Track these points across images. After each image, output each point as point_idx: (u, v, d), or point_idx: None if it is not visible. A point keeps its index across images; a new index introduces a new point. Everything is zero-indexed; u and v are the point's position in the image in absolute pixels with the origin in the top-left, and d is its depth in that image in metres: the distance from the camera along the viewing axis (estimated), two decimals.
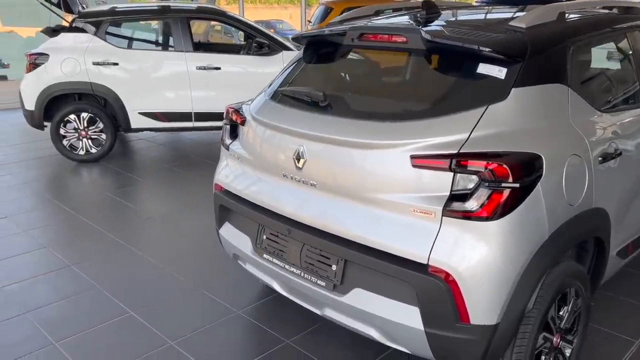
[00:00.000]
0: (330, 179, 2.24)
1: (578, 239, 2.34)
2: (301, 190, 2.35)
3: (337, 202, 2.23)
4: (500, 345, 2.03)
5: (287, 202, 2.40)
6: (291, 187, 2.40)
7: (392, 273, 2.06)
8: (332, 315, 2.36)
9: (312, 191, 2.31)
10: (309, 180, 2.31)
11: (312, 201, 2.31)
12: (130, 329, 3.01)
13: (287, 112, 2.48)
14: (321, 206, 2.28)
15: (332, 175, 2.24)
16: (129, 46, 6.34)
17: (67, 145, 6.15)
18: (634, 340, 2.89)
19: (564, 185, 2.09)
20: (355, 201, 2.18)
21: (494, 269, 1.93)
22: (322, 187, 2.27)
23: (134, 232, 4.39)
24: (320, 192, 2.28)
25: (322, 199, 2.28)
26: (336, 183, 2.22)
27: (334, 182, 2.23)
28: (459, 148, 1.97)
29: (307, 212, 2.32)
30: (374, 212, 2.12)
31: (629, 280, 3.53)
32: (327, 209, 2.26)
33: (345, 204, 2.21)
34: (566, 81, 2.29)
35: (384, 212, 2.09)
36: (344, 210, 2.21)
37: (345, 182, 2.19)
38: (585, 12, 2.81)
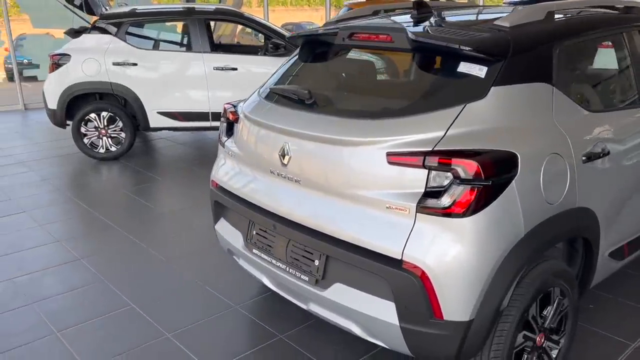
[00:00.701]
0: (312, 176, 2.29)
1: (560, 238, 2.32)
2: (286, 186, 2.40)
3: (318, 198, 2.27)
4: (475, 342, 2.04)
5: (274, 198, 2.46)
6: (277, 183, 2.45)
7: (369, 268, 2.09)
8: (316, 310, 2.40)
9: (296, 187, 2.36)
10: (293, 176, 2.36)
11: (296, 197, 2.36)
12: (130, 321, 3.11)
13: (275, 109, 2.54)
14: (304, 202, 2.33)
15: (314, 172, 2.28)
16: (148, 47, 6.49)
17: (87, 143, 6.34)
18: (629, 343, 2.85)
19: (541, 184, 2.08)
20: (335, 197, 2.21)
21: (467, 265, 1.95)
22: (305, 183, 2.32)
23: (145, 228, 4.51)
24: (303, 189, 2.33)
25: (305, 195, 2.32)
26: (318, 179, 2.27)
27: (315, 178, 2.28)
28: (434, 146, 1.99)
29: (290, 208, 2.37)
30: (353, 208, 2.15)
31: (629, 282, 3.47)
32: (309, 205, 2.30)
33: (326, 200, 2.25)
34: (551, 80, 2.27)
35: (362, 208, 2.13)
36: (325, 206, 2.25)
37: (326, 178, 2.23)
38: (579, 12, 2.77)
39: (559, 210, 2.18)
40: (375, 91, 2.56)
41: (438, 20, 2.58)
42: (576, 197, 2.25)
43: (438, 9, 2.83)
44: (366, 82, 2.64)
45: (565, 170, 2.19)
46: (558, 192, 2.16)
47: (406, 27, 2.36)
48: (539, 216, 2.09)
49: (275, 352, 2.84)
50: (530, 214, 2.04)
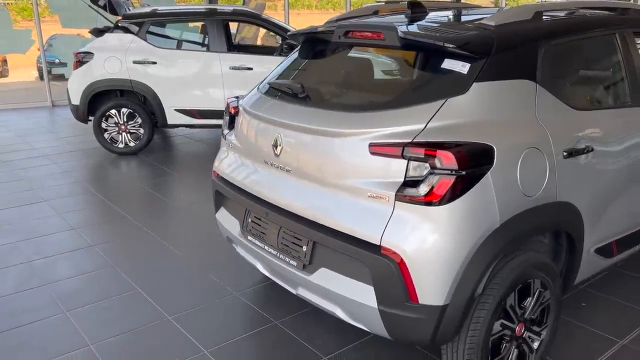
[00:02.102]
0: (301, 165, 2.41)
1: (539, 230, 2.39)
2: (278, 175, 2.53)
3: (307, 186, 2.39)
4: (450, 326, 2.12)
5: (267, 187, 2.58)
6: (270, 173, 2.58)
7: (351, 254, 2.20)
8: (304, 294, 2.51)
9: (287, 176, 2.48)
10: (284, 166, 2.48)
11: (286, 186, 2.48)
12: (135, 304, 3.26)
13: (271, 103, 2.67)
14: (294, 191, 2.44)
15: (303, 162, 2.40)
16: (168, 46, 6.70)
17: (108, 138, 6.57)
18: (617, 340, 2.89)
19: (518, 177, 2.16)
20: (322, 186, 2.33)
21: (441, 251, 2.03)
22: (296, 172, 2.44)
23: (157, 219, 4.69)
24: (293, 178, 2.45)
25: (295, 184, 2.44)
26: (306, 169, 2.38)
27: (304, 168, 2.39)
28: (414, 137, 2.08)
29: (282, 196, 2.49)
30: (338, 196, 2.26)
31: (623, 281, 3.50)
32: (299, 193, 2.42)
33: (313, 189, 2.36)
34: (535, 78, 2.35)
35: (346, 197, 2.23)
36: (312, 194, 2.36)
37: (314, 168, 2.35)
38: (570, 13, 2.83)
39: (537, 203, 2.25)
40: (364, 86, 2.66)
41: (429, 19, 2.68)
42: (556, 191, 2.32)
43: (433, 9, 2.92)
44: (357, 78, 2.74)
45: (544, 164, 2.26)
46: (536, 186, 2.23)
47: (397, 26, 2.46)
48: (515, 207, 2.16)
49: (269, 337, 2.96)
50: (506, 204, 2.12)
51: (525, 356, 2.47)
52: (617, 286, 3.44)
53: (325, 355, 2.78)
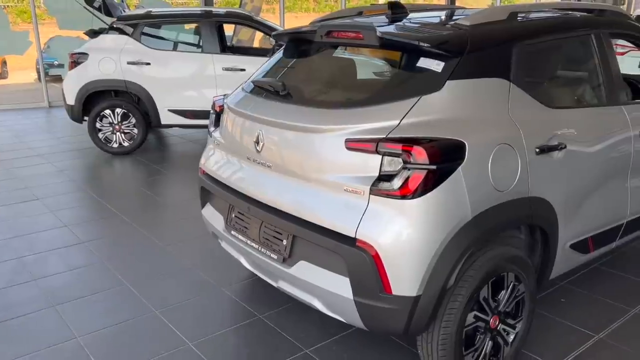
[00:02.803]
0: (281, 161, 2.47)
1: (511, 224, 2.45)
2: (260, 171, 2.59)
3: (287, 181, 2.45)
4: (423, 317, 2.18)
5: (249, 183, 2.65)
6: (252, 168, 2.64)
7: (328, 246, 2.26)
8: (285, 287, 2.58)
9: (268, 172, 2.54)
10: (265, 162, 2.55)
11: (267, 181, 2.55)
12: (122, 298, 3.32)
13: (254, 100, 2.73)
14: (274, 186, 2.51)
15: (283, 157, 2.47)
16: (161, 47, 6.76)
17: (102, 138, 6.63)
18: (593, 334, 2.95)
19: (489, 172, 2.22)
20: (301, 181, 2.39)
21: (413, 243, 2.10)
22: (276, 168, 2.50)
23: (148, 217, 4.75)
24: (274, 173, 2.51)
25: (276, 179, 2.50)
26: (286, 164, 2.45)
27: (284, 163, 2.46)
28: (388, 133, 2.15)
29: (263, 192, 2.56)
30: (316, 190, 2.32)
31: (603, 278, 3.57)
32: (279, 188, 2.49)
33: (293, 184, 2.42)
34: (509, 77, 2.41)
35: (324, 191, 2.29)
36: (292, 189, 2.43)
37: (293, 163, 2.42)
38: (546, 14, 2.90)
39: (509, 198, 2.31)
40: (344, 84, 2.73)
41: (408, 20, 2.75)
42: (528, 186, 2.38)
43: (413, 10, 2.99)
44: (337, 76, 2.81)
45: (516, 160, 2.32)
46: (508, 181, 2.30)
47: (375, 26, 2.53)
48: (487, 202, 2.22)
49: (253, 331, 3.02)
50: (477, 199, 2.18)
51: (500, 348, 2.53)
52: (596, 283, 3.50)
53: (308, 348, 2.84)
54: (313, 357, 2.78)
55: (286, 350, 2.83)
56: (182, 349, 2.82)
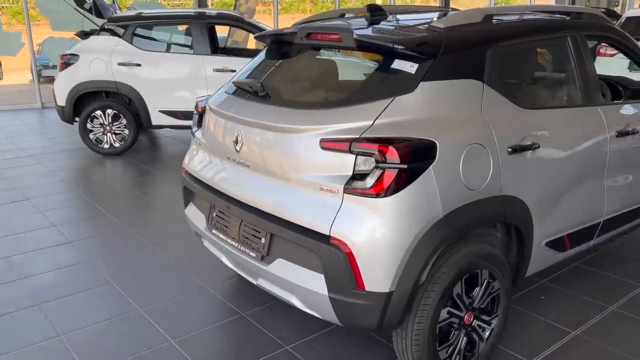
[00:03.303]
0: (259, 160, 2.52)
1: (483, 222, 2.50)
2: (239, 170, 2.64)
3: (265, 181, 2.49)
4: (396, 312, 2.23)
5: (229, 182, 2.69)
6: (232, 168, 2.69)
7: (304, 244, 2.30)
8: (264, 285, 2.62)
9: (247, 171, 2.59)
10: (244, 161, 2.59)
11: (246, 180, 2.59)
12: (108, 297, 3.36)
13: (234, 101, 2.78)
14: (253, 185, 2.55)
15: (261, 157, 2.51)
16: (152, 49, 6.79)
17: (93, 139, 6.66)
18: (570, 331, 3.00)
19: (461, 171, 2.27)
20: (278, 180, 2.43)
21: (385, 240, 2.14)
22: (254, 167, 2.55)
23: (136, 217, 4.79)
24: (252, 172, 2.56)
25: (254, 179, 2.55)
26: (264, 164, 2.49)
27: (262, 163, 2.50)
28: (361, 133, 2.19)
29: (242, 191, 2.60)
30: (293, 189, 2.37)
31: (582, 276, 3.62)
32: (257, 188, 2.53)
33: (271, 183, 2.47)
34: (482, 78, 2.46)
35: (300, 190, 2.34)
36: (270, 188, 2.47)
37: (271, 162, 2.46)
38: (522, 17, 2.95)
39: (481, 197, 2.35)
40: (321, 85, 2.77)
41: (386, 22, 2.80)
42: (501, 185, 2.43)
43: (393, 12, 3.04)
44: (315, 77, 2.85)
45: (487, 159, 2.37)
46: (480, 180, 2.34)
47: (353, 28, 2.57)
48: (458, 200, 2.27)
49: (236, 328, 3.06)
50: (448, 197, 2.23)
51: (475, 344, 2.58)
52: (576, 280, 3.55)
53: (288, 345, 2.88)
54: (293, 353, 2.82)
55: (267, 347, 2.88)
56: (164, 347, 2.86)
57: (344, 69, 2.78)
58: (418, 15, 3.02)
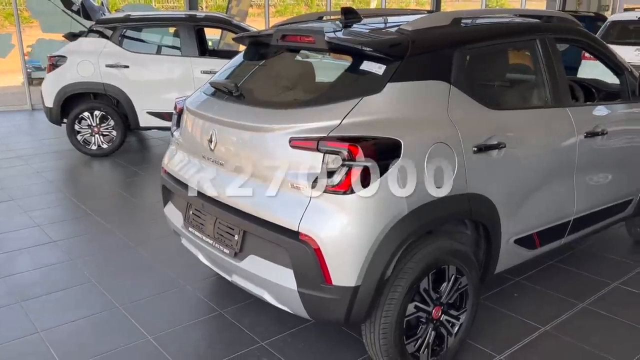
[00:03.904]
0: (232, 158, 2.58)
1: (448, 219, 2.57)
2: (213, 169, 2.70)
3: (238, 179, 2.55)
4: (362, 306, 2.29)
5: (204, 180, 2.75)
6: (207, 166, 2.75)
7: (274, 240, 2.36)
8: (238, 281, 2.67)
9: (221, 169, 2.65)
10: (218, 160, 2.65)
11: (220, 178, 2.65)
12: (88, 295, 3.41)
13: (210, 101, 2.84)
14: (226, 183, 2.61)
15: (234, 155, 2.58)
16: (140, 51, 6.85)
17: (81, 140, 6.71)
18: (539, 327, 3.07)
19: (425, 169, 2.34)
20: (250, 178, 2.50)
21: (351, 236, 2.21)
22: (228, 166, 2.61)
23: (121, 217, 4.84)
24: (226, 170, 2.62)
25: (228, 177, 2.61)
26: (237, 162, 2.55)
27: (235, 161, 2.56)
28: (329, 132, 2.26)
29: (216, 189, 2.66)
30: (263, 187, 2.42)
31: (555, 273, 3.70)
32: (229, 185, 2.58)
33: (243, 181, 2.53)
34: (449, 79, 2.53)
35: (271, 187, 2.40)
36: (242, 186, 2.53)
37: (243, 160, 2.52)
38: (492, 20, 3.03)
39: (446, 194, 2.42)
40: (293, 85, 2.84)
41: (358, 25, 2.86)
42: (466, 183, 2.50)
43: (367, 16, 3.11)
44: (288, 78, 2.92)
45: (452, 158, 2.43)
46: (445, 178, 2.41)
47: (326, 31, 2.64)
48: (423, 197, 2.34)
49: (213, 325, 3.12)
50: (413, 194, 2.29)
51: (444, 339, 2.65)
52: (549, 278, 3.63)
53: (264, 341, 2.94)
54: (268, 349, 2.87)
55: (243, 343, 2.93)
56: (141, 342, 2.91)
57: (317, 70, 2.85)
58: (391, 19, 3.08)
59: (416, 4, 25.73)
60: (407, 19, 2.80)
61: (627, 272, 3.74)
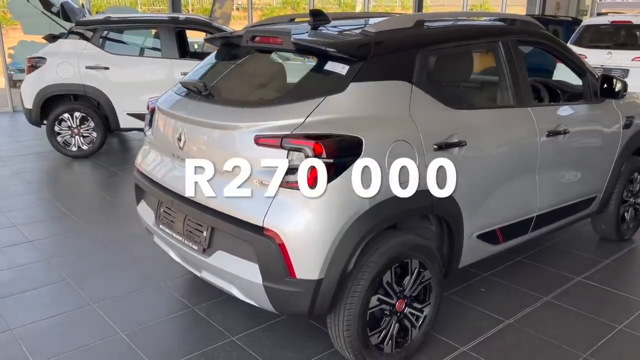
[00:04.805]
0: (199, 156, 2.64)
1: (409, 214, 2.65)
2: (182, 166, 2.75)
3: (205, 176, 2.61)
4: (326, 299, 2.36)
5: (174, 178, 2.81)
6: (176, 164, 2.81)
7: (240, 236, 2.43)
8: (207, 277, 2.74)
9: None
10: (187, 157, 2.71)
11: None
12: (62, 292, 3.44)
13: (179, 100, 2.90)
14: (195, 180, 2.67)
15: (202, 153, 2.64)
16: (120, 52, 6.88)
17: (61, 141, 6.71)
18: (503, 319, 3.16)
19: (387, 166, 2.42)
20: (218, 175, 2.56)
21: (314, 231, 2.28)
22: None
23: (98, 216, 4.86)
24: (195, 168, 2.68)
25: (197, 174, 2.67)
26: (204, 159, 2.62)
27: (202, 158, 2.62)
28: (292, 130, 2.33)
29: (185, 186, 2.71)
30: (230, 184, 2.49)
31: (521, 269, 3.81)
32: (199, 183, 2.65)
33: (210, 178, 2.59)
34: (411, 79, 2.62)
35: (237, 184, 2.46)
36: (210, 183, 2.59)
37: (210, 158, 2.58)
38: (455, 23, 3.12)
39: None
40: (260, 85, 2.92)
41: (326, 27, 2.94)
42: (426, 180, 2.58)
43: (336, 18, 3.19)
44: (256, 77, 2.99)
45: (413, 155, 2.52)
46: (406, 174, 2.49)
47: (294, 32, 2.72)
48: (384, 193, 2.42)
49: (184, 321, 3.17)
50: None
51: (408, 331, 2.73)
52: (516, 274, 3.73)
53: (234, 336, 3.00)
54: (238, 343, 2.94)
55: (214, 338, 2.99)
56: (113, 338, 2.96)
57: (285, 70, 2.92)
58: (358, 21, 3.17)
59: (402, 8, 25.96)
60: (374, 21, 2.88)
61: (591, 267, 3.86)
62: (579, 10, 19.08)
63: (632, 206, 4.24)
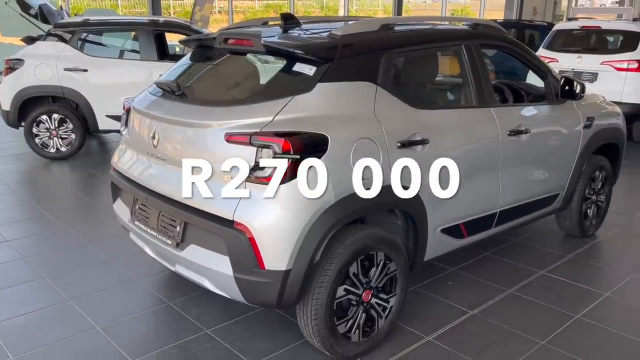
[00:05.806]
0: (174, 154, 2.74)
1: (374, 208, 2.77)
2: (156, 164, 2.85)
3: (178, 173, 2.71)
4: (294, 289, 2.47)
5: (148, 175, 2.90)
6: (151, 162, 2.90)
7: (212, 230, 2.53)
8: (180, 270, 2.83)
9: (163, 165, 2.81)
10: (161, 155, 2.81)
11: (162, 173, 2.81)
12: (39, 290, 3.50)
13: (154, 100, 3.00)
14: (168, 177, 2.77)
15: (175, 151, 2.74)
16: (99, 54, 6.91)
17: (39, 143, 6.72)
18: (468, 311, 3.30)
19: (351, 162, 2.54)
20: (189, 171, 2.66)
21: (282, 224, 2.40)
22: (169, 161, 2.77)
23: (76, 216, 4.92)
24: (168, 165, 2.78)
25: (169, 171, 2.77)
26: (177, 157, 2.72)
27: (176, 156, 2.73)
28: (261, 128, 2.45)
29: (158, 183, 2.81)
30: (202, 180, 2.59)
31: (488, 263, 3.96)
32: (172, 179, 2.74)
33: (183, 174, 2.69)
34: (376, 80, 2.75)
35: (209, 180, 2.57)
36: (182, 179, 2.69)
37: (183, 155, 2.68)
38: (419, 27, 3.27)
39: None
40: (231, 85, 3.03)
41: (295, 30, 3.07)
42: (390, 176, 2.71)
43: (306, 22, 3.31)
44: (227, 78, 3.11)
45: (377, 152, 2.65)
46: (369, 171, 2.62)
47: (264, 35, 2.83)
48: (349, 188, 2.54)
49: (160, 315, 3.26)
50: (339, 185, 2.50)
51: (375, 320, 2.85)
52: (483, 268, 3.88)
53: (208, 329, 3.09)
54: (212, 336, 3.03)
55: (189, 331, 3.08)
56: (89, 333, 3.03)
57: (256, 71, 3.04)
58: (328, 25, 3.29)
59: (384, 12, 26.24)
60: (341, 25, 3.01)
61: (554, 261, 4.02)
62: (555, 16, 19.49)
63: (594, 203, 4.42)
